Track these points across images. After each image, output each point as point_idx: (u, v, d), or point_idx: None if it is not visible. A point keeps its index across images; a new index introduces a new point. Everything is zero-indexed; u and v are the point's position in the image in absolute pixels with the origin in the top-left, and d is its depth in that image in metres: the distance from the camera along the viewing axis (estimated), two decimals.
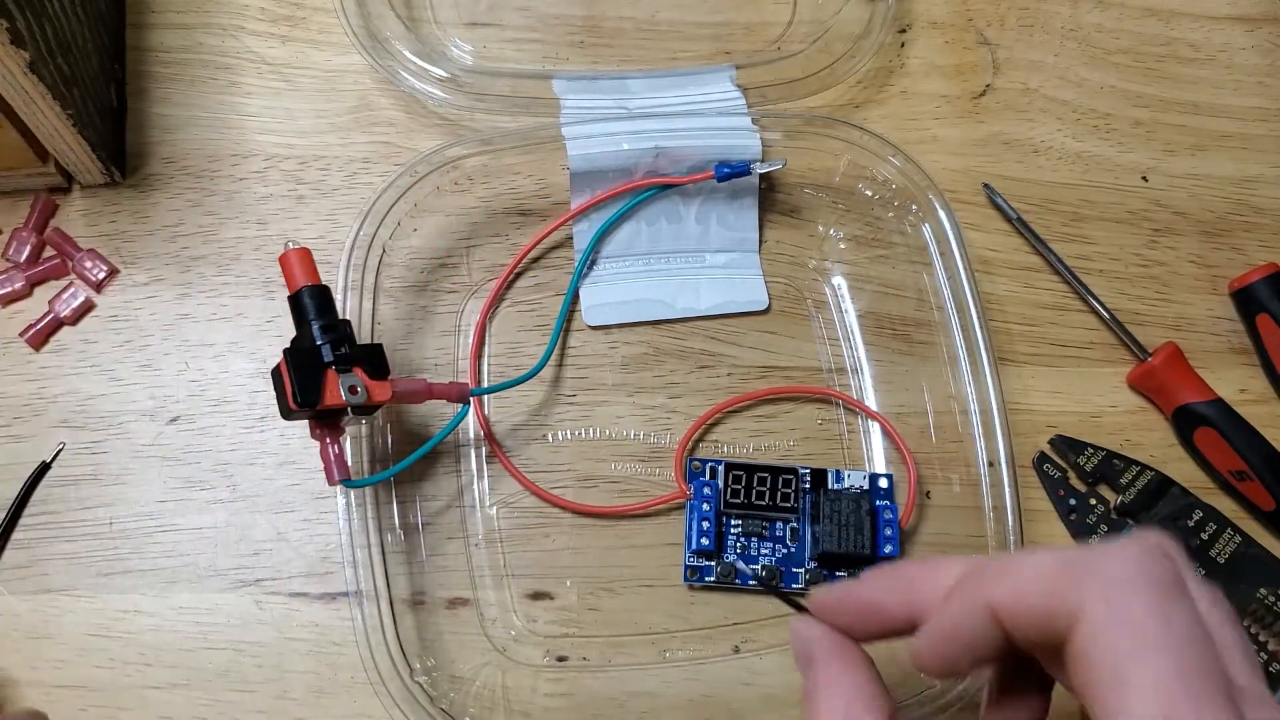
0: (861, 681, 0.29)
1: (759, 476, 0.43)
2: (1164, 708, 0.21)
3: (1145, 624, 0.22)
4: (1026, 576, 0.24)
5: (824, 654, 0.29)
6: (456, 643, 0.40)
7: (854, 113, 0.50)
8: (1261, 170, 0.52)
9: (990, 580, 0.25)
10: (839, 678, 0.29)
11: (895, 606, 0.29)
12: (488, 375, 0.44)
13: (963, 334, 0.43)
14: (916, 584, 0.28)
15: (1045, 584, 0.24)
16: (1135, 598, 0.23)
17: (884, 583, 0.29)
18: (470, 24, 0.49)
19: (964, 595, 0.26)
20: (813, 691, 0.29)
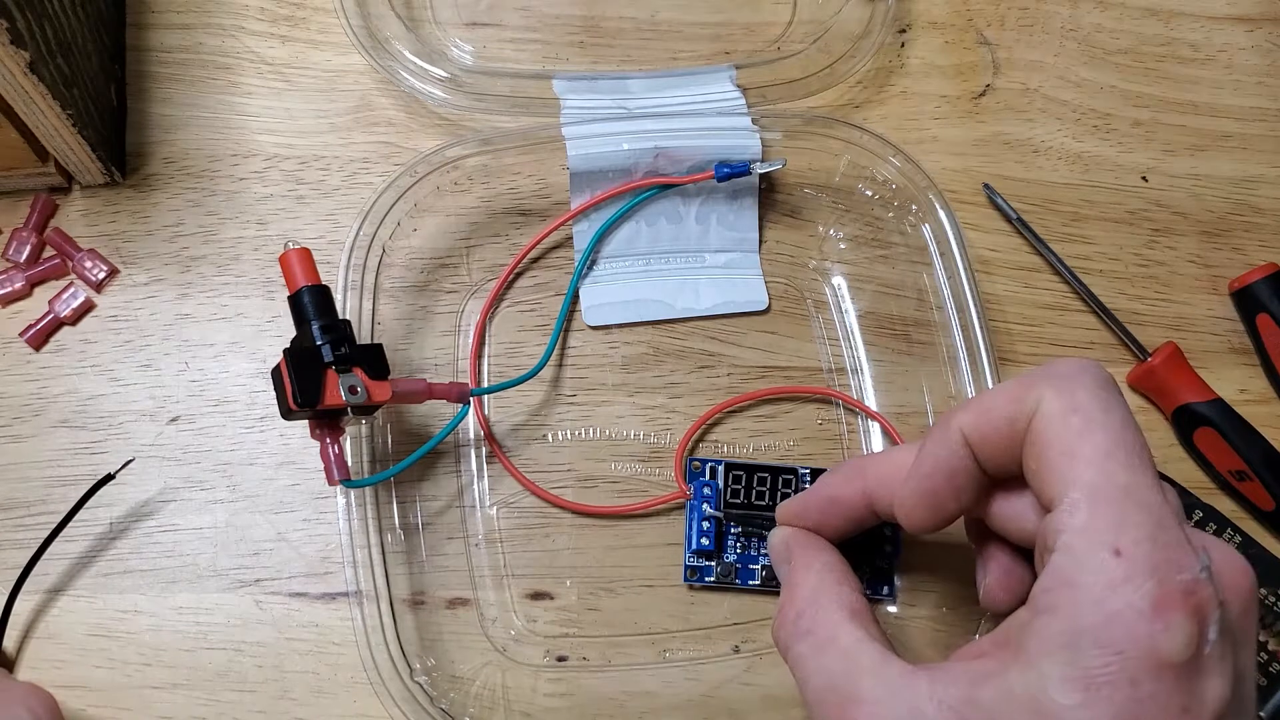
0: (831, 560, 0.33)
1: (759, 476, 0.43)
2: (1107, 473, 0.25)
3: (1090, 408, 0.26)
4: (990, 396, 0.29)
5: (796, 544, 0.34)
6: (456, 643, 0.40)
7: (854, 113, 0.50)
8: (1261, 170, 0.52)
9: (959, 410, 0.29)
10: (811, 559, 0.33)
11: (852, 495, 0.33)
12: (488, 375, 0.44)
13: (963, 334, 0.43)
14: (867, 469, 0.33)
15: (1007, 396, 0.28)
16: (1082, 389, 0.27)
17: (837, 477, 0.34)
18: (470, 24, 0.49)
19: (936, 432, 0.30)
20: (789, 575, 0.33)
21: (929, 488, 0.30)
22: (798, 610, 0.31)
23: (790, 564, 0.34)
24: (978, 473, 0.29)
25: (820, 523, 0.35)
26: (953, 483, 0.30)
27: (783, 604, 0.32)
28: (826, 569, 0.33)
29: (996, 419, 0.28)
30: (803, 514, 0.35)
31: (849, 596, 0.31)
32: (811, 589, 0.32)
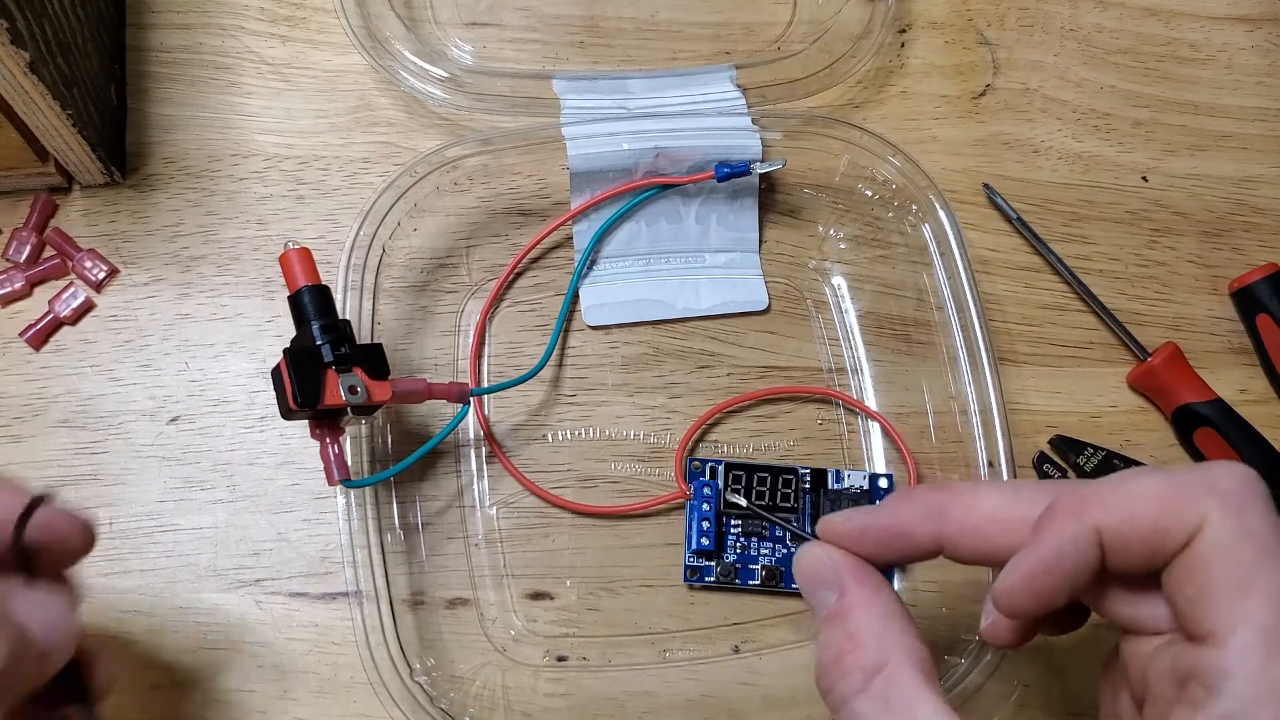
0: (892, 600, 0.29)
1: (759, 476, 0.43)
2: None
3: (1265, 535, 0.24)
4: (1138, 498, 0.25)
5: (852, 575, 0.29)
6: (456, 643, 0.40)
7: (854, 113, 0.50)
8: (1261, 170, 0.52)
9: (1092, 505, 0.26)
10: (871, 597, 0.29)
11: (924, 535, 0.29)
12: (488, 375, 0.44)
13: (963, 334, 0.43)
14: (951, 513, 0.28)
15: (1158, 504, 0.25)
16: (1254, 512, 0.24)
17: (911, 510, 0.29)
18: (470, 24, 0.49)
19: (1066, 522, 0.26)
20: (842, 613, 0.29)
21: (1045, 584, 0.26)
22: (864, 663, 0.27)
23: (843, 597, 0.29)
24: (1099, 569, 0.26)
25: (874, 552, 0.30)
26: (1072, 580, 0.26)
27: (838, 647, 0.28)
28: (890, 613, 0.28)
29: (1143, 526, 0.25)
30: (859, 539, 0.30)
31: (919, 651, 0.28)
32: (877, 637, 0.28)
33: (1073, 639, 0.44)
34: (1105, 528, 0.25)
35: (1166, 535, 0.25)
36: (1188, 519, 0.24)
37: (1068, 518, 0.26)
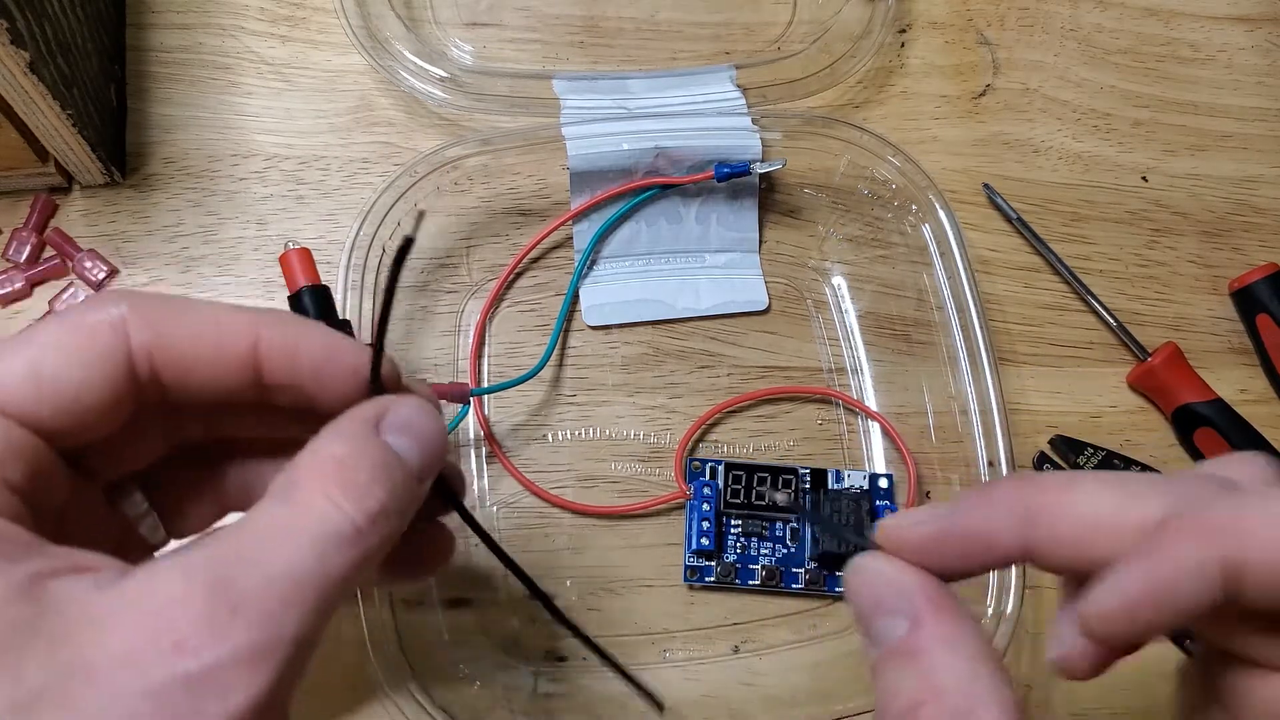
0: (980, 638, 0.23)
1: (759, 476, 0.43)
2: None
3: None
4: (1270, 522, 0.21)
5: (930, 603, 0.23)
6: (456, 643, 0.40)
7: (854, 113, 0.50)
8: (1261, 170, 0.52)
9: (1234, 535, 0.21)
10: (956, 634, 0.23)
11: (1011, 543, 0.24)
12: (488, 375, 0.44)
13: (963, 334, 0.43)
14: (1039, 515, 0.23)
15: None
16: None
17: (996, 512, 0.24)
18: (470, 24, 0.49)
19: (1188, 546, 0.21)
20: (916, 651, 0.23)
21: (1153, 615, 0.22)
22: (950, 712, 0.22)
23: (918, 630, 0.23)
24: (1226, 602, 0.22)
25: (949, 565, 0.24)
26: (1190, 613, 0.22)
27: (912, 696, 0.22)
28: (980, 655, 0.23)
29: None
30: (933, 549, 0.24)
31: (1009, 699, 0.22)
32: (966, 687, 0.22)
33: None
34: (1244, 562, 0.21)
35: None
36: None
37: (1188, 543, 0.21)
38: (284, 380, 0.24)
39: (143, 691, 0.19)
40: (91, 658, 0.19)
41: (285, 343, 0.23)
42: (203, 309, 0.23)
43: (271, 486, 0.22)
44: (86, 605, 0.19)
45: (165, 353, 0.22)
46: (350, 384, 0.24)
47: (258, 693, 0.19)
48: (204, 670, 0.19)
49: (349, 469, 0.22)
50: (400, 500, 0.23)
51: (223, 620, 0.19)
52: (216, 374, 0.23)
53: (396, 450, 0.23)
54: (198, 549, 0.20)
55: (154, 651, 0.19)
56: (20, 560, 0.20)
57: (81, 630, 0.19)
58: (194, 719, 0.19)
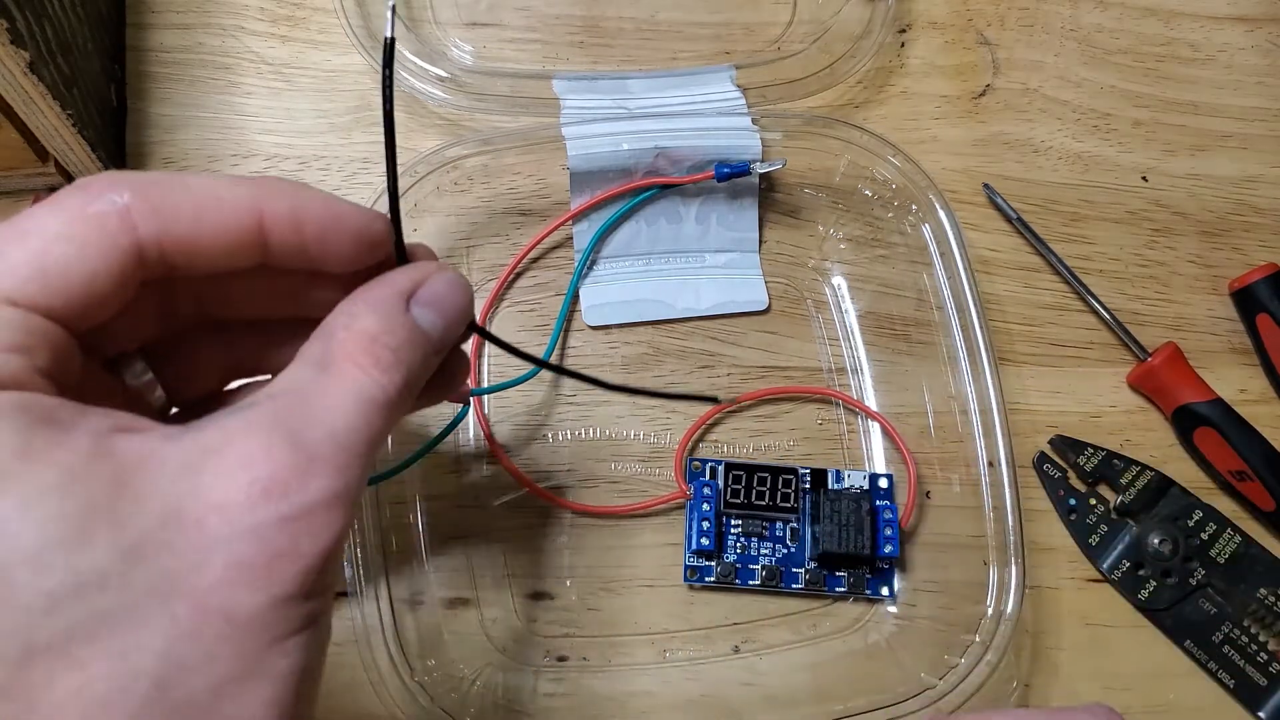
0: None
1: (759, 476, 0.43)
2: None
3: None
4: None
5: None
6: (456, 643, 0.40)
7: (854, 113, 0.50)
8: (1261, 170, 0.52)
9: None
10: None
11: None
12: (488, 375, 0.44)
13: (963, 334, 0.43)
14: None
15: None
16: None
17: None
18: (470, 24, 0.49)
19: None
20: None
21: None
22: None
23: None
24: None
25: None
26: None
27: None
28: None
29: None
30: None
31: None
32: None
33: (1072, 640, 0.44)
34: None
35: None
36: None
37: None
38: (290, 248, 0.24)
39: (244, 532, 0.20)
40: (187, 505, 0.20)
41: (289, 212, 0.24)
42: (204, 186, 0.23)
43: (306, 351, 0.24)
44: (164, 458, 0.21)
45: (172, 236, 0.23)
46: (355, 247, 0.25)
47: (338, 532, 0.22)
48: (297, 512, 0.21)
49: (380, 345, 0.24)
50: (424, 368, 0.25)
51: (307, 468, 0.21)
52: (223, 249, 0.24)
53: (422, 325, 0.25)
54: (257, 408, 0.22)
55: (249, 496, 0.20)
56: (77, 425, 0.20)
57: (169, 479, 0.20)
58: (292, 556, 0.21)
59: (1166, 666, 0.44)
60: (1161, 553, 0.45)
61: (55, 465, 0.19)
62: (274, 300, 0.27)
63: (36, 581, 0.19)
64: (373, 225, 0.26)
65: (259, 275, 0.25)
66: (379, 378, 0.23)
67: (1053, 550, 0.45)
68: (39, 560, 0.19)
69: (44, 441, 0.20)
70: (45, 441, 0.20)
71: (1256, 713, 0.43)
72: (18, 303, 0.21)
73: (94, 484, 0.20)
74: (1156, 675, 0.44)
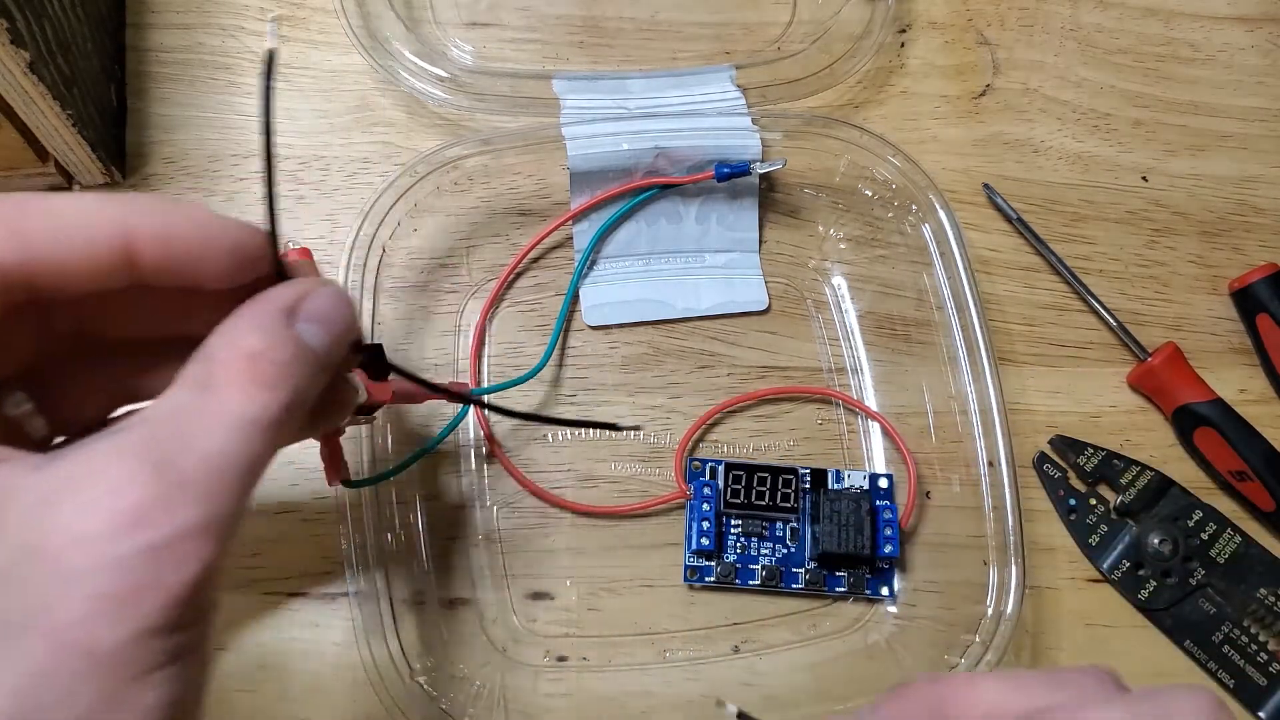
0: None
1: (759, 476, 0.43)
2: None
3: None
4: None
5: None
6: (456, 643, 0.40)
7: (854, 113, 0.50)
8: (1261, 170, 0.52)
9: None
10: None
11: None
12: (488, 375, 0.44)
13: (963, 334, 0.43)
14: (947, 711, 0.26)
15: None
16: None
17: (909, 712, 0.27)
18: (470, 24, 0.49)
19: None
20: None
21: None
22: None
23: None
24: None
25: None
26: None
27: None
28: None
29: None
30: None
31: None
32: None
33: (1072, 640, 0.44)
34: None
35: None
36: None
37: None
38: (162, 266, 0.24)
39: (105, 564, 0.19)
40: (49, 537, 0.20)
41: (158, 230, 0.23)
42: (68, 207, 0.23)
43: (186, 372, 0.23)
44: (26, 489, 0.20)
45: (34, 259, 0.22)
46: (230, 264, 0.25)
47: (208, 562, 0.21)
48: (163, 541, 0.20)
49: (263, 362, 0.23)
50: (311, 387, 0.24)
51: (174, 496, 0.20)
52: (90, 270, 0.23)
53: (306, 340, 0.24)
54: (128, 433, 0.21)
55: (112, 527, 0.20)
56: None
57: (31, 511, 0.20)
58: (155, 588, 0.20)
59: (1166, 666, 0.44)
60: (1161, 553, 0.45)
61: None
62: (155, 319, 0.26)
63: None
64: (248, 241, 0.25)
65: (137, 294, 0.24)
66: (260, 396, 0.23)
67: (1053, 550, 0.45)
68: None
69: None
70: None
71: (1256, 713, 0.43)
72: None
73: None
74: (1156, 675, 0.44)
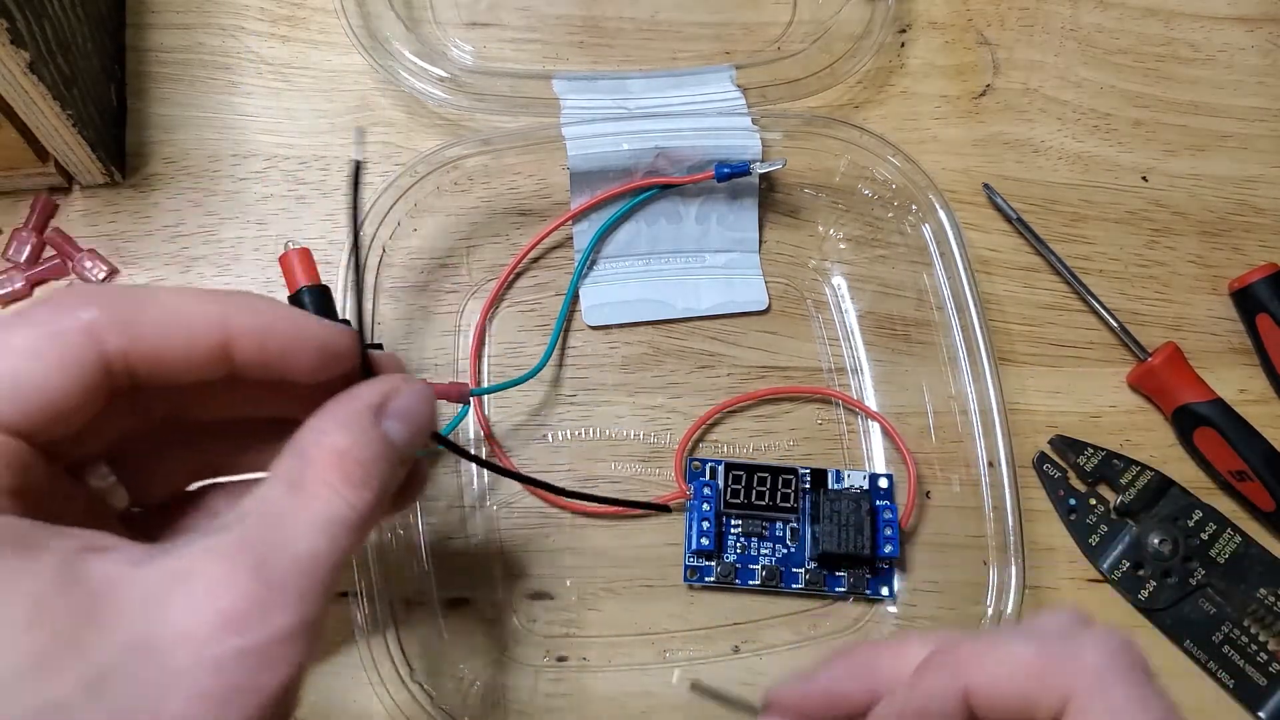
0: None
1: (759, 476, 0.43)
2: None
3: (1129, 708, 0.24)
4: (1007, 662, 0.25)
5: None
6: (456, 643, 0.40)
7: (854, 113, 0.50)
8: (1261, 170, 0.52)
9: (966, 663, 0.25)
10: None
11: (859, 693, 0.28)
12: (488, 375, 0.44)
13: (963, 334, 0.43)
14: (879, 665, 0.28)
15: (1027, 671, 0.24)
16: (1119, 684, 0.24)
17: (845, 669, 0.29)
18: (470, 24, 0.49)
19: (936, 675, 0.26)
20: None
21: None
22: None
23: None
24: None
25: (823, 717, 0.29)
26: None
27: None
28: None
29: (1010, 695, 0.25)
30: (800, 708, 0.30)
31: None
32: None
33: None
34: (974, 689, 0.25)
35: (1036, 705, 0.24)
36: (1053, 692, 0.24)
37: (936, 673, 0.25)
38: (256, 363, 0.24)
39: (205, 664, 0.20)
40: (152, 635, 0.20)
41: (255, 330, 0.24)
42: (171, 301, 0.24)
43: (278, 468, 0.24)
44: (132, 584, 0.21)
45: (138, 351, 0.23)
46: (320, 362, 0.26)
47: (298, 664, 0.21)
48: (257, 646, 0.21)
49: (350, 462, 0.24)
50: (393, 481, 0.25)
51: (267, 600, 0.21)
52: (189, 364, 0.24)
53: (391, 438, 0.25)
54: (225, 533, 0.22)
55: (210, 628, 0.20)
56: (44, 549, 0.21)
57: (136, 609, 0.20)
58: (251, 690, 0.21)
59: (1166, 666, 0.44)
60: (1161, 553, 0.45)
61: (23, 596, 0.20)
62: (240, 404, 0.27)
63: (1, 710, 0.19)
64: (337, 340, 0.26)
65: (226, 382, 0.25)
66: (349, 495, 0.23)
67: (1053, 550, 0.45)
68: (4, 690, 0.19)
69: (11, 570, 0.20)
70: (13, 570, 0.20)
71: (1256, 713, 0.43)
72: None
73: (61, 614, 0.20)
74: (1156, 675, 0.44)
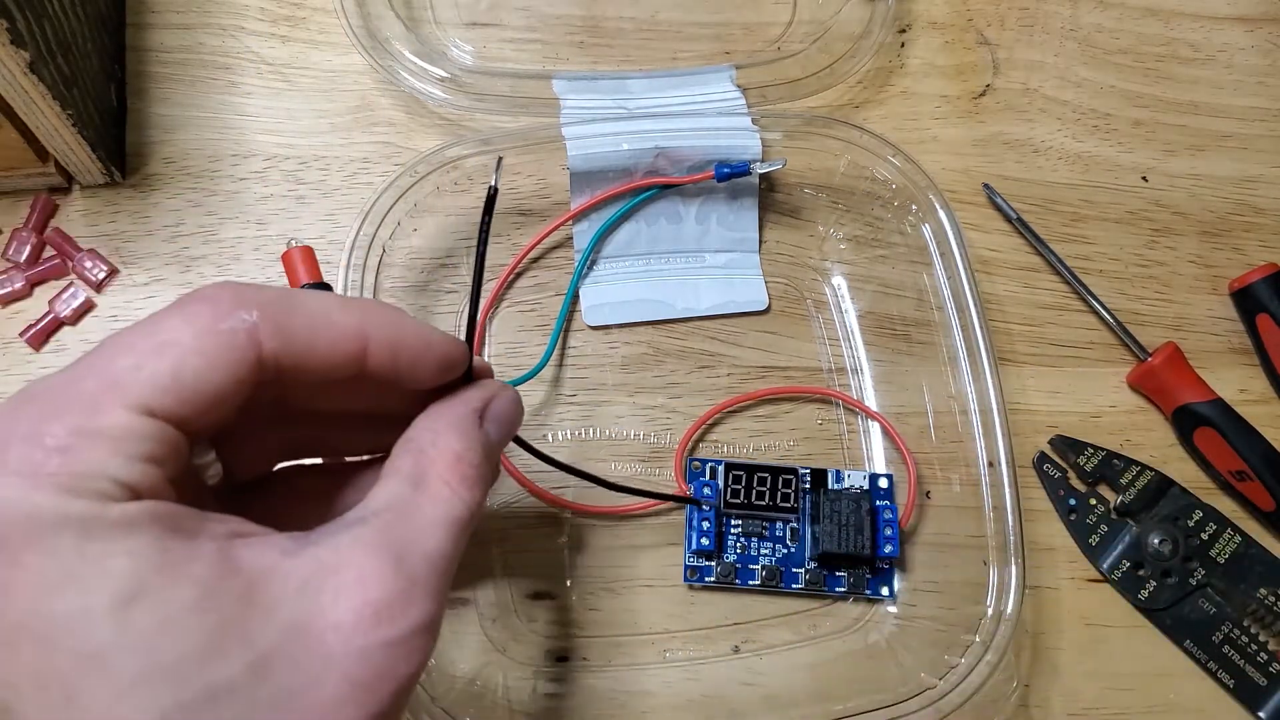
0: None
1: (759, 476, 0.43)
2: None
3: None
4: None
5: None
6: (456, 643, 0.40)
7: (854, 113, 0.50)
8: (1261, 170, 0.52)
9: None
10: None
11: None
12: None
13: (963, 334, 0.43)
14: None
15: None
16: None
17: None
18: (470, 24, 0.49)
19: None
20: None
21: None
22: None
23: None
24: None
25: None
26: None
27: None
28: None
29: None
30: None
31: None
32: None
33: (1072, 640, 0.44)
34: None
35: None
36: None
37: None
38: (383, 367, 0.26)
39: (354, 652, 0.22)
40: (308, 622, 0.22)
41: (389, 338, 0.26)
42: (318, 308, 0.25)
43: (398, 464, 0.26)
44: (285, 573, 0.23)
45: (288, 353, 0.25)
46: (439, 371, 0.28)
47: (428, 655, 0.24)
48: (400, 637, 0.23)
49: (465, 463, 0.26)
50: (493, 481, 0.28)
51: (409, 594, 0.23)
52: (330, 366, 0.25)
53: (492, 439, 0.28)
54: (365, 526, 0.24)
55: (359, 618, 0.22)
56: (202, 534, 0.22)
57: (292, 596, 0.22)
58: (390, 678, 0.23)
59: (1166, 666, 0.44)
60: (1161, 553, 0.45)
61: (191, 581, 0.21)
62: (349, 398, 0.29)
63: (174, 693, 0.20)
64: (454, 351, 0.28)
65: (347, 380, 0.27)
66: (465, 495, 0.26)
67: (1053, 550, 0.45)
68: (176, 673, 0.20)
69: (177, 555, 0.21)
70: (178, 555, 0.21)
71: (1256, 713, 0.43)
72: (155, 413, 0.22)
73: (226, 599, 0.21)
74: (1156, 675, 0.44)
